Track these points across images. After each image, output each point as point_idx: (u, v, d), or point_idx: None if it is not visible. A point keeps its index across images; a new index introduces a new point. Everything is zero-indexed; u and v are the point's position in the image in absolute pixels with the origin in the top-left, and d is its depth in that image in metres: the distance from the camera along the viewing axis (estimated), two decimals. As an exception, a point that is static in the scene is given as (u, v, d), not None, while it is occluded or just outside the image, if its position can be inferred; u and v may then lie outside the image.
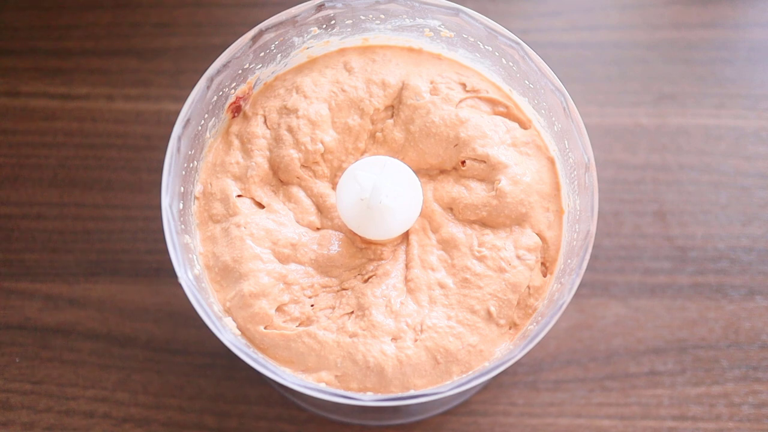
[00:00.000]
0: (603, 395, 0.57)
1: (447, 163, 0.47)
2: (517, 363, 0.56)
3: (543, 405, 0.56)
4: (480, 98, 0.48)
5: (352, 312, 0.45)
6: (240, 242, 0.45)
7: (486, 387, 0.57)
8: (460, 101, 0.48)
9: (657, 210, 0.60)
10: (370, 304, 0.44)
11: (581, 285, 0.42)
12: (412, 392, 0.42)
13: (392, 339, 0.44)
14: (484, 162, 0.46)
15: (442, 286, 0.45)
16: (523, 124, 0.48)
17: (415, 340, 0.44)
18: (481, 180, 0.47)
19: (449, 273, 0.45)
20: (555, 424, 0.56)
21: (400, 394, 0.41)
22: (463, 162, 0.47)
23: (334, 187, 0.47)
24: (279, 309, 0.44)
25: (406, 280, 0.46)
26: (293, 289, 0.45)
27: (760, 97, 0.63)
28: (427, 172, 0.48)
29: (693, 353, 0.57)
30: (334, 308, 0.45)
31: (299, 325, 0.44)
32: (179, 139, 0.43)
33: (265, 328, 0.44)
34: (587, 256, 0.42)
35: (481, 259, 0.45)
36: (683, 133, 0.62)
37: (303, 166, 0.47)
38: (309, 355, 0.44)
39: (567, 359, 0.57)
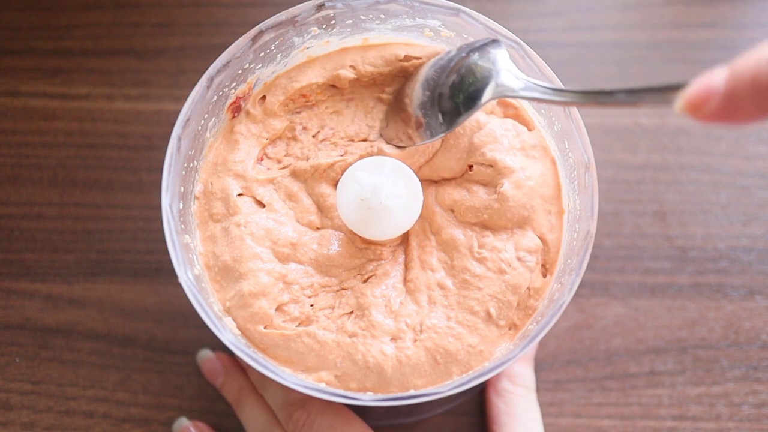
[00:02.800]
0: (603, 395, 0.57)
1: (457, 173, 0.47)
2: (517, 363, 0.55)
3: (543, 405, 0.56)
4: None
5: (352, 312, 0.45)
6: (240, 242, 0.45)
7: (486, 387, 0.57)
8: None
9: (657, 210, 0.60)
10: (370, 304, 0.44)
11: (581, 285, 0.42)
12: (412, 392, 0.42)
13: (392, 339, 0.44)
14: (491, 166, 0.46)
15: (441, 287, 0.45)
16: (529, 126, 0.48)
17: (415, 341, 0.44)
18: (485, 184, 0.47)
19: (449, 274, 0.45)
20: (555, 424, 0.56)
21: (400, 394, 0.41)
22: (471, 166, 0.47)
23: (334, 187, 0.47)
24: (279, 309, 0.44)
25: (406, 281, 0.46)
26: (293, 289, 0.45)
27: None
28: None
29: (693, 353, 0.57)
30: (333, 308, 0.45)
31: (299, 324, 0.44)
32: (179, 139, 0.43)
33: (264, 327, 0.44)
34: (587, 256, 0.42)
35: (481, 260, 0.45)
36: (683, 133, 0.62)
37: None
38: (308, 355, 0.44)
39: (567, 359, 0.57)
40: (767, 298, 0.59)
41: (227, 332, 0.41)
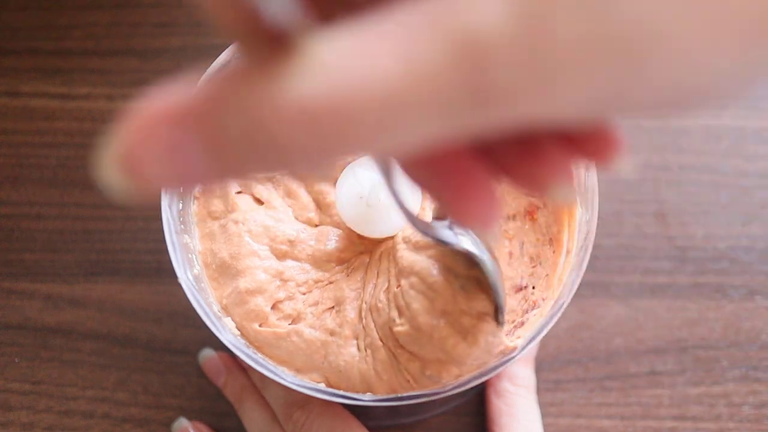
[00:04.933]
0: (603, 395, 0.56)
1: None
2: (517, 363, 0.55)
3: (543, 405, 0.56)
4: None
5: (333, 307, 0.44)
6: (238, 239, 0.44)
7: (486, 387, 0.57)
8: None
9: (657, 210, 0.60)
10: (345, 298, 0.44)
11: (581, 285, 0.42)
12: (412, 392, 0.42)
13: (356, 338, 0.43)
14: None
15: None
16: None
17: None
18: None
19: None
20: (555, 424, 0.56)
21: (400, 395, 0.41)
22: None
23: (333, 185, 0.47)
24: (274, 306, 0.44)
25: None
26: (289, 286, 0.44)
27: (761, 97, 0.63)
28: None
29: (693, 353, 0.57)
30: (317, 303, 0.44)
31: (291, 322, 0.44)
32: (179, 138, 0.43)
33: (260, 325, 0.43)
34: (587, 256, 0.42)
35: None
36: (683, 133, 0.62)
37: None
38: (297, 355, 0.43)
39: (567, 359, 0.57)
40: (767, 298, 0.58)
41: (227, 332, 0.41)
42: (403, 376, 0.41)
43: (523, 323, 0.43)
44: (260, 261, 0.44)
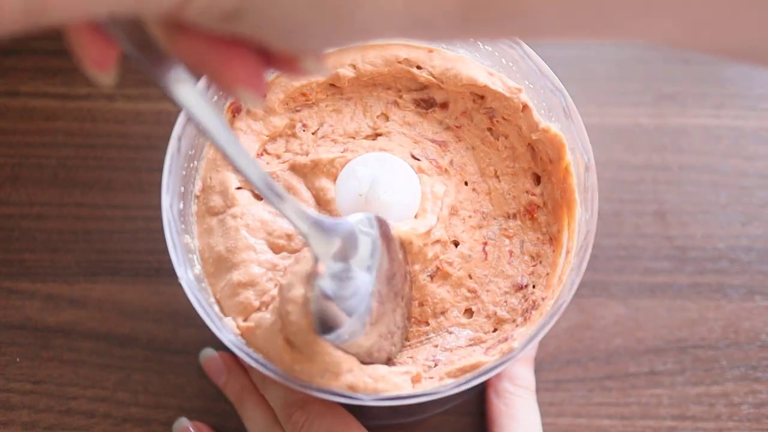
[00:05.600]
0: (603, 395, 0.56)
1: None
2: (517, 363, 0.55)
3: (543, 405, 0.56)
4: None
5: None
6: (235, 233, 0.44)
7: (486, 387, 0.57)
8: None
9: (657, 210, 0.60)
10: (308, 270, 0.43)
11: (581, 285, 0.42)
12: (412, 392, 0.42)
13: None
14: None
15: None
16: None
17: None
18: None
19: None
20: (555, 424, 0.56)
21: (399, 394, 0.41)
22: None
23: (334, 182, 0.47)
24: (264, 302, 0.44)
25: None
26: (278, 276, 0.44)
27: (760, 97, 0.63)
28: None
29: (693, 353, 0.57)
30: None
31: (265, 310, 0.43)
32: (179, 139, 0.43)
33: (243, 320, 0.43)
34: (587, 256, 0.42)
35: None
36: (683, 133, 0.62)
37: None
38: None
39: (567, 359, 0.57)
40: (767, 298, 0.59)
41: (227, 332, 0.41)
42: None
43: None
44: (256, 255, 0.44)
